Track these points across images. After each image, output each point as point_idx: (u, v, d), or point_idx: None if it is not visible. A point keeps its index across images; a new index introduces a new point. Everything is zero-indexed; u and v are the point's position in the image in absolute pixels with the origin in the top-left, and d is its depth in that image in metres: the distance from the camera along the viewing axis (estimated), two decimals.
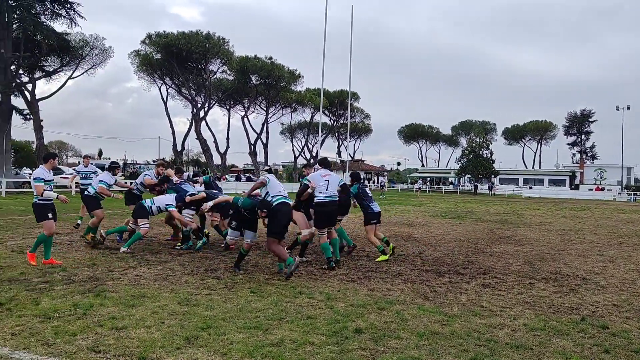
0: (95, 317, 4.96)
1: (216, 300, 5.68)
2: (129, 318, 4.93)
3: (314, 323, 4.90)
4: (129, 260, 8.19)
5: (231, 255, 8.90)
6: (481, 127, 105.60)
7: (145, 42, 43.30)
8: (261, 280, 6.88)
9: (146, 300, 5.63)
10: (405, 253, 9.72)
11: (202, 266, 7.82)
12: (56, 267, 7.38)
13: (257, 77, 52.53)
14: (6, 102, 25.75)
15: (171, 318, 4.97)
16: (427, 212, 22.17)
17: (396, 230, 13.84)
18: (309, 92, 62.07)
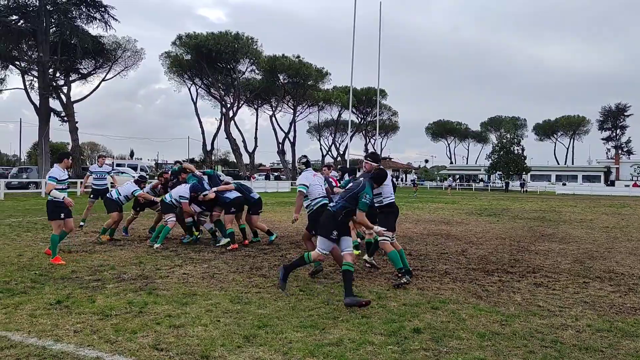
0: (152, 314, 5.00)
1: (267, 299, 5.67)
2: (184, 316, 4.95)
3: (369, 322, 4.82)
4: (174, 258, 8.27)
5: (274, 253, 8.91)
6: (511, 123, 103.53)
7: (175, 43, 43.94)
8: (308, 278, 6.85)
9: (198, 299, 5.65)
10: (447, 251, 9.55)
11: (247, 264, 7.83)
12: (105, 265, 7.50)
13: (285, 76, 52.68)
14: (45, 104, 26.46)
15: (226, 316, 4.97)
16: (461, 210, 21.82)
17: (434, 229, 13.65)
18: (336, 90, 61.94)
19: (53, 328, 4.54)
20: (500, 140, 71.88)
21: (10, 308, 5.15)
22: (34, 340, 4.24)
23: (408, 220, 16.13)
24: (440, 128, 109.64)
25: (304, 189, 7.13)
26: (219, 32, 42.34)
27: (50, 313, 5.00)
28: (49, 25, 26.44)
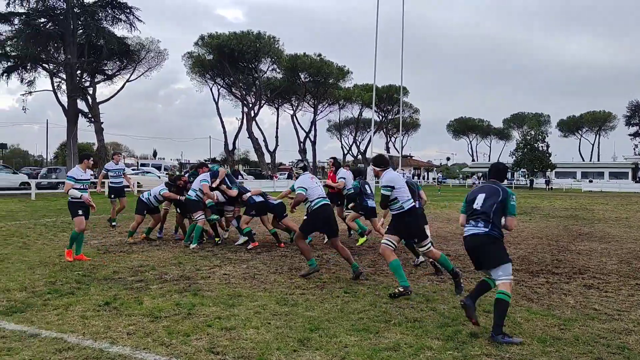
0: (201, 316, 4.97)
1: (313, 301, 5.60)
2: (234, 318, 4.91)
3: (422, 326, 4.71)
4: (212, 258, 8.27)
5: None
6: (534, 119, 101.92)
7: (197, 43, 44.30)
8: (349, 279, 6.76)
9: (244, 300, 5.61)
10: None
11: (285, 265, 7.79)
12: (145, 266, 7.52)
13: (306, 75, 52.66)
14: (73, 106, 26.89)
15: (276, 318, 4.92)
16: None
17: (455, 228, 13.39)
18: (356, 87, 61.70)
19: (106, 330, 4.54)
20: (524, 137, 70.65)
21: (61, 309, 5.17)
22: (89, 342, 4.24)
23: (438, 219, 15.92)
24: (462, 125, 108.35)
25: (303, 191, 7.10)
26: (241, 31, 42.56)
27: (101, 314, 5.01)
28: (76, 27, 26.86)
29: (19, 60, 26.47)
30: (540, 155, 66.33)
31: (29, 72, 27.77)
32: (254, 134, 47.10)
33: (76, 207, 7.95)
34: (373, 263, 8.04)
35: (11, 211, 16.77)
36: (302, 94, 55.30)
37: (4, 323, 4.73)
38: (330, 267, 7.68)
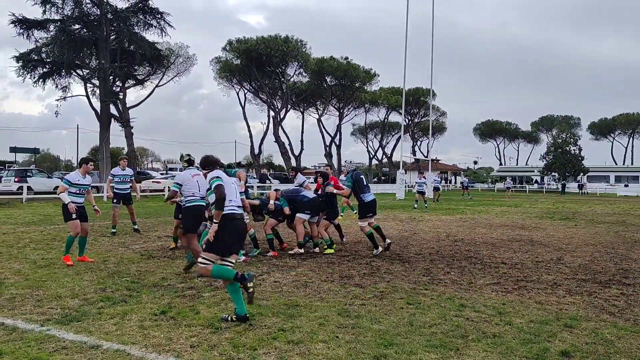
0: (263, 328, 4.72)
1: (376, 312, 5.29)
2: (298, 330, 4.64)
3: (504, 342, 4.36)
4: (258, 264, 8.04)
5: (357, 260, 8.54)
6: (564, 122, 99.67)
7: (225, 48, 44.54)
8: (407, 288, 6.43)
9: (302, 310, 5.34)
10: (542, 259, 8.90)
11: (334, 272, 7.49)
12: (192, 272, 7.32)
13: (332, 78, 52.43)
14: (106, 110, 27.19)
15: (342, 331, 4.62)
16: (529, 213, 20.81)
17: (513, 234, 12.91)
18: (382, 90, 61.21)
19: (168, 342, 4.32)
20: (555, 140, 69.05)
21: (117, 318, 4.99)
22: (153, 355, 4.02)
23: (479, 224, 15.42)
24: (489, 128, 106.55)
25: (177, 188, 7.59)
26: (269, 35, 42.62)
27: (159, 324, 4.80)
28: (109, 33, 27.19)
29: (54, 66, 26.90)
30: (572, 159, 64.78)
31: (64, 77, 28.22)
32: (280, 138, 47.07)
33: (69, 211, 7.80)
34: (427, 272, 7.68)
35: (48, 215, 16.91)
36: (328, 97, 55.06)
37: (63, 333, 4.55)
38: (382, 275, 7.35)
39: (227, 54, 44.83)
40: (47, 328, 4.67)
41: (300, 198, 9.39)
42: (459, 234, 12.67)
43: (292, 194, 9.59)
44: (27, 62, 26.11)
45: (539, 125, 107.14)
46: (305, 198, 9.40)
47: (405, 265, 8.10)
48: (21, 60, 26.11)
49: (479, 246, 10.52)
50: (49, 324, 4.82)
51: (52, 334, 4.52)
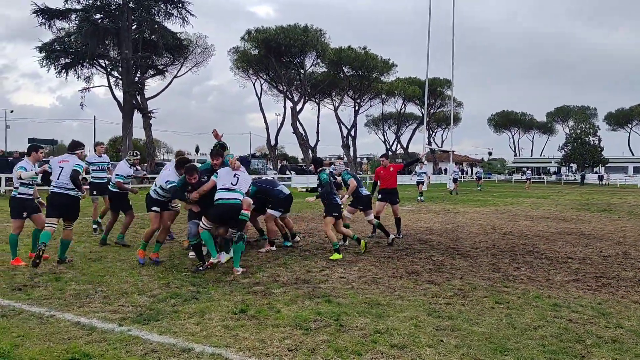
0: (355, 329, 4.41)
1: (467, 312, 4.96)
2: (396, 333, 4.32)
3: (628, 349, 4.01)
4: (315, 259, 7.74)
5: (417, 254, 8.21)
6: (580, 112, 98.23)
7: (244, 38, 44.07)
8: (485, 286, 6.09)
9: (386, 309, 5.02)
10: (608, 254, 8.51)
11: (399, 268, 7.17)
12: (250, 267, 7.04)
13: (349, 69, 51.80)
14: (129, 101, 26.98)
15: (443, 334, 4.29)
16: (562, 205, 20.31)
17: (559, 227, 12.48)
18: (399, 81, 60.44)
19: (262, 344, 4.03)
20: (574, 130, 67.93)
21: (197, 317, 4.71)
22: None
23: (519, 217, 15.00)
24: (504, 119, 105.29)
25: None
26: (288, 25, 42.08)
27: (244, 324, 4.51)
28: (131, 22, 26.90)
29: (77, 57, 26.70)
30: (591, 150, 63.71)
31: (86, 68, 28.02)
32: (298, 129, 46.68)
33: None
34: (495, 267, 7.32)
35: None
36: (345, 88, 54.47)
37: (146, 333, 4.28)
38: (450, 271, 7.01)
39: (245, 43, 44.39)
40: (128, 328, 4.40)
41: (276, 193, 8.75)
42: (503, 227, 12.28)
43: (265, 185, 8.88)
44: (50, 52, 25.94)
45: (555, 115, 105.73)
46: (282, 194, 8.76)
47: (468, 260, 7.76)
48: (44, 51, 25.93)
49: (533, 240, 10.14)
50: (126, 323, 4.55)
51: (134, 334, 4.25)
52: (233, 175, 7.03)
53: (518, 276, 6.67)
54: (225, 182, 6.95)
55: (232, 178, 6.99)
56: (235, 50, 45.97)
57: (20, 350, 3.87)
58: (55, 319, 4.65)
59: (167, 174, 7.59)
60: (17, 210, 7.08)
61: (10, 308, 4.98)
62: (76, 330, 4.36)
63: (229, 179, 6.97)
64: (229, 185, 6.92)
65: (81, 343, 4.04)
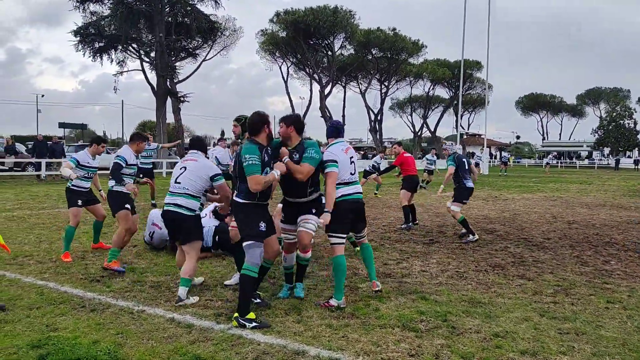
0: (471, 333, 4.08)
1: (582, 313, 4.59)
2: (518, 337, 3.98)
3: None
4: (387, 250, 7.43)
5: (487, 245, 7.83)
6: (612, 94, 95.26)
7: (272, 20, 43.53)
8: (583, 282, 5.70)
9: (492, 309, 4.68)
10: None
11: (477, 261, 6.81)
12: (319, 258, 6.77)
13: (378, 51, 50.83)
14: (162, 85, 26.88)
15: (572, 340, 3.94)
16: (610, 192, 19.54)
17: (623, 215, 11.89)
18: (428, 63, 59.17)
19: (378, 348, 3.74)
20: (609, 113, 65.90)
21: (294, 315, 4.45)
22: None
23: (574, 204, 14.42)
24: (533, 102, 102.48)
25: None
26: (317, 6, 41.35)
27: (349, 324, 4.23)
28: (164, 5, 26.65)
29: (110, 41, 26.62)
30: (626, 133, 61.84)
31: (120, 52, 27.96)
32: (327, 112, 46.20)
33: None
34: (581, 260, 6.91)
35: None
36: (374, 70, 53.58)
37: (248, 332, 4.02)
38: (535, 264, 6.63)
39: (273, 25, 43.85)
40: (227, 326, 4.16)
41: None
42: (563, 215, 11.78)
43: None
44: (85, 35, 25.91)
45: (585, 98, 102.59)
46: None
47: (548, 253, 7.35)
48: (79, 35, 25.91)
49: (604, 229, 9.66)
50: (223, 320, 4.32)
51: (236, 333, 4.01)
52: (349, 160, 4.82)
53: (612, 271, 6.26)
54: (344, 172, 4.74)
55: (349, 166, 4.80)
56: (262, 33, 45.49)
57: (126, 350, 3.67)
58: (148, 315, 4.45)
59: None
60: (72, 199, 6.81)
61: (96, 301, 4.81)
62: (173, 327, 4.15)
63: (347, 168, 4.76)
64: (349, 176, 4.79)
65: (184, 343, 3.82)
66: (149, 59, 28.64)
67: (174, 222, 5.05)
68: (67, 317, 4.34)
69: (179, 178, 5.11)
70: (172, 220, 5.05)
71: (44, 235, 8.23)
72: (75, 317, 4.34)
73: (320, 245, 7.70)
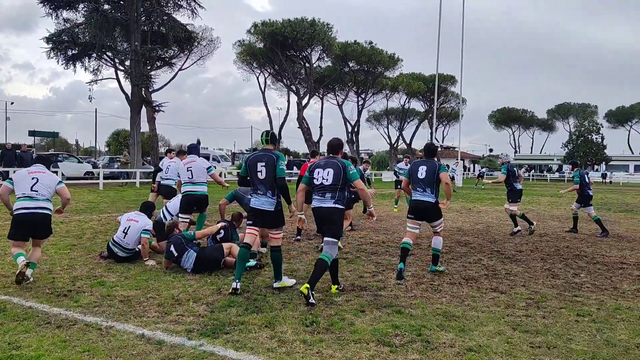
0: (445, 347, 4.08)
1: (554, 326, 4.63)
2: (491, 351, 4.00)
3: None
4: (362, 262, 7.41)
5: (459, 258, 7.89)
6: (581, 109, 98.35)
7: (250, 31, 43.50)
8: (554, 294, 5.78)
9: (466, 322, 4.70)
10: None
11: (450, 272, 6.85)
12: (295, 270, 6.71)
13: (354, 63, 51.29)
14: (137, 93, 26.51)
15: (544, 354, 3.97)
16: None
17: (592, 228, 12.17)
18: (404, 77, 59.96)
19: None
20: (578, 128, 67.77)
21: (268, 330, 4.38)
22: None
23: (544, 217, 14.71)
24: (505, 116, 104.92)
25: None
26: (295, 18, 41.55)
27: (323, 339, 4.18)
28: (140, 14, 26.37)
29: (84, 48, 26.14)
30: (594, 148, 63.58)
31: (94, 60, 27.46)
32: (304, 123, 46.24)
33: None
34: (552, 273, 7.02)
35: (91, 202, 16.40)
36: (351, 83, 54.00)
37: (220, 349, 3.95)
38: (507, 277, 6.71)
39: (251, 37, 43.82)
40: (199, 342, 4.07)
41: (247, 201, 7.95)
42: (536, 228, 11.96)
43: (242, 192, 8.62)
44: (58, 43, 25.38)
45: (555, 113, 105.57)
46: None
47: (521, 266, 7.45)
48: (51, 42, 25.38)
49: (574, 242, 9.87)
50: (194, 336, 4.23)
51: (208, 350, 3.93)
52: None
53: (582, 284, 6.37)
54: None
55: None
56: (240, 44, 45.42)
57: None
58: (117, 331, 4.33)
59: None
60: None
61: (62, 317, 4.65)
62: (143, 344, 4.04)
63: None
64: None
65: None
66: (123, 67, 28.23)
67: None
68: (31, 334, 4.19)
69: None
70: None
71: (8, 248, 7.95)
72: (40, 334, 4.19)
73: (295, 258, 7.65)
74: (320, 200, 5.50)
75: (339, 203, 5.47)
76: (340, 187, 5.45)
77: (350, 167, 5.49)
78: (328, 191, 5.46)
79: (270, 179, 5.52)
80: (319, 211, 5.53)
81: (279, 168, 5.50)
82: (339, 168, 5.44)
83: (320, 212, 5.52)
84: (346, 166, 5.45)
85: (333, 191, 5.44)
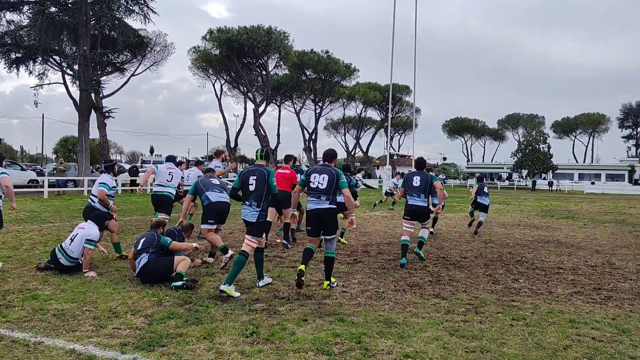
0: (382, 353, 4.13)
1: (489, 331, 4.77)
2: (427, 357, 4.07)
3: None
4: (309, 271, 7.41)
5: (409, 264, 8.02)
6: (529, 120, 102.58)
7: (205, 37, 43.05)
8: (493, 299, 5.96)
9: (405, 329, 4.77)
10: (593, 263, 8.62)
11: (396, 280, 6.95)
12: (242, 280, 6.63)
13: (312, 72, 51.65)
14: (86, 100, 25.67)
15: (477, 358, 4.08)
16: (525, 212, 20.83)
17: (535, 234, 12.67)
18: (360, 86, 60.87)
19: None
20: (526, 138, 70.58)
21: (207, 342, 4.30)
22: None
23: (490, 223, 15.18)
24: (457, 125, 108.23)
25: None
26: (251, 26, 41.40)
27: (261, 350, 4.15)
28: (89, 17, 25.60)
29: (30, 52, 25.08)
30: (541, 157, 66.34)
31: (40, 64, 26.36)
32: (260, 131, 46.02)
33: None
34: (493, 279, 7.24)
35: (34, 212, 15.71)
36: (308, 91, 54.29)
37: None
38: (450, 283, 6.87)
39: (206, 43, 43.37)
40: (132, 356, 3.95)
41: (203, 198, 7.62)
42: (482, 234, 12.35)
43: (203, 185, 7.79)
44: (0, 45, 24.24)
45: (505, 123, 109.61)
46: (206, 200, 7.56)
47: (464, 272, 7.65)
48: None
49: (516, 248, 10.21)
50: (129, 350, 4.10)
51: None
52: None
53: (520, 289, 6.60)
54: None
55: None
56: (195, 50, 44.88)
57: None
58: (45, 347, 4.14)
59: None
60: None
61: None
62: None
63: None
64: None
65: None
66: (72, 71, 27.27)
67: None
68: None
69: None
70: None
71: None
72: None
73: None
74: (317, 202, 6.22)
75: (333, 204, 6.24)
76: (333, 191, 6.22)
77: (342, 177, 6.22)
78: (323, 194, 6.20)
79: (260, 192, 6.05)
80: (316, 212, 6.22)
81: (272, 185, 6.08)
82: (333, 175, 6.19)
83: (317, 212, 6.21)
84: (339, 175, 6.21)
85: (327, 194, 6.18)
